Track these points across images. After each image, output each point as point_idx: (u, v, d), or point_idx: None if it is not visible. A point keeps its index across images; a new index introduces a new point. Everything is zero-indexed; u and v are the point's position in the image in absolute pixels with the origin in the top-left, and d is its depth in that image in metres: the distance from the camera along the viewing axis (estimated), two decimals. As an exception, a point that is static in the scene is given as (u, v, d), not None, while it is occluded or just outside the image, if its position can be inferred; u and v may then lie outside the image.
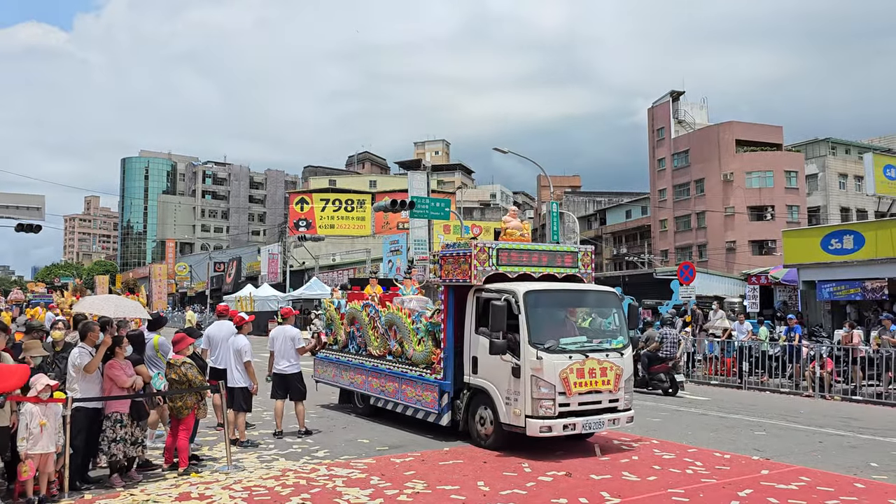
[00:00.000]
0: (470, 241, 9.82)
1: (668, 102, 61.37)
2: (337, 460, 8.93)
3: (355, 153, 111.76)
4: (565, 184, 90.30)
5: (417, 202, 30.13)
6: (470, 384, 9.78)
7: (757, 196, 53.34)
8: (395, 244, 46.90)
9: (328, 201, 70.92)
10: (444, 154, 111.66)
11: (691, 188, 57.23)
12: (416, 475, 8.12)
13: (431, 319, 10.39)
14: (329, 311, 13.41)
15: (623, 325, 9.98)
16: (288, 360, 10.66)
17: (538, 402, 8.76)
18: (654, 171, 61.90)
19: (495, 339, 8.98)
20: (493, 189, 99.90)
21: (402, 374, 10.84)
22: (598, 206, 76.92)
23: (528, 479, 7.98)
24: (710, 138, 56.07)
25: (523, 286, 9.36)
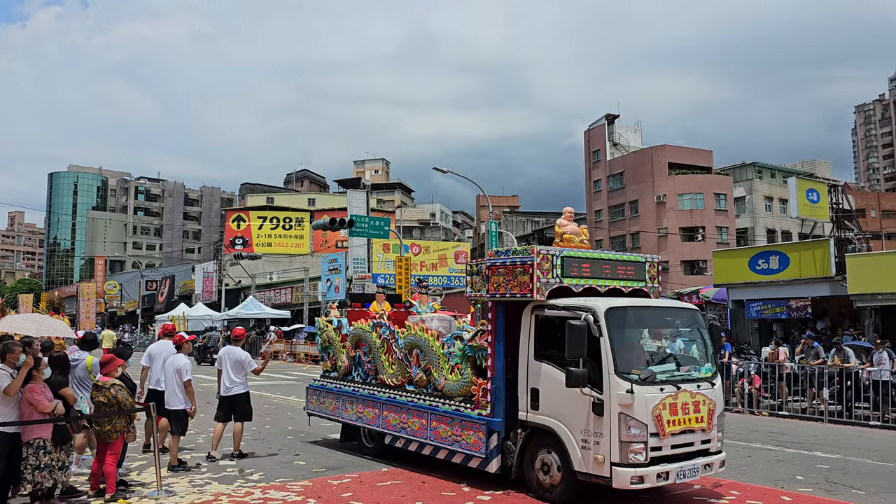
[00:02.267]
0: (531, 248, 8.06)
1: (603, 125, 62.81)
2: (272, 483, 8.73)
3: (294, 171, 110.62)
4: (504, 203, 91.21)
5: (357, 221, 29.99)
6: (527, 422, 7.98)
7: (688, 217, 54.93)
8: (333, 263, 46.50)
9: (266, 219, 69.90)
10: (384, 173, 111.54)
11: (626, 209, 58.57)
12: (354, 497, 8.01)
13: (472, 342, 8.64)
14: (326, 332, 11.47)
15: (710, 349, 8.29)
16: (235, 382, 10.37)
17: (627, 447, 7.04)
18: (591, 193, 63.16)
19: (573, 369, 7.23)
20: (433, 208, 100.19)
21: (431, 409, 9.00)
22: (536, 226, 77.87)
23: (466, 499, 7.97)
24: (644, 161, 57.58)
25: (602, 302, 7.68)
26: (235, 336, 10.91)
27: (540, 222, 79.12)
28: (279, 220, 69.68)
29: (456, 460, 8.67)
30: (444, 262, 51.60)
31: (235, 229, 69.46)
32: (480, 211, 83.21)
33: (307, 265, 50.47)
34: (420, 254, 50.13)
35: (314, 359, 33.82)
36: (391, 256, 43.59)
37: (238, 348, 10.62)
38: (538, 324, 8.05)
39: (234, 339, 10.84)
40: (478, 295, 8.70)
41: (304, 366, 32.53)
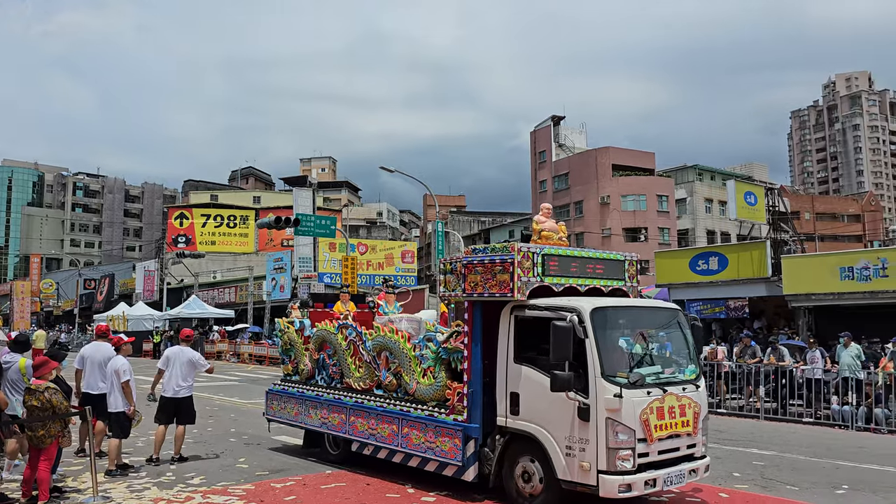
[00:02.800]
0: (511, 245, 7.64)
1: (549, 127, 63.53)
2: (213, 487, 8.59)
3: (239, 168, 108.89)
4: (451, 203, 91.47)
5: (303, 219, 29.65)
6: (507, 428, 7.61)
7: (632, 218, 55.96)
8: (279, 262, 45.93)
9: (209, 217, 68.56)
10: (330, 171, 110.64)
11: (571, 210, 59.33)
12: (297, 500, 7.94)
13: (446, 344, 8.22)
14: (288, 334, 11.00)
15: (694, 350, 8.04)
16: (182, 384, 10.17)
17: (615, 453, 6.75)
18: (536, 193, 63.78)
19: (558, 372, 6.89)
20: (380, 207, 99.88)
21: (403, 414, 8.59)
22: (482, 226, 78.32)
23: (410, 500, 7.98)
24: (589, 162, 58.44)
25: (587, 301, 7.37)
26: (186, 336, 10.74)
27: (486, 222, 79.60)
28: (223, 218, 68.44)
29: (429, 468, 8.21)
30: (391, 261, 51.43)
31: (178, 227, 67.97)
32: (427, 210, 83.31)
33: (252, 264, 49.73)
34: (367, 253, 49.85)
35: (258, 359, 33.38)
36: (337, 255, 43.24)
37: (189, 349, 10.45)
38: (518, 325, 7.69)
39: (184, 339, 10.66)
40: (452, 295, 8.27)
41: (248, 366, 32.06)
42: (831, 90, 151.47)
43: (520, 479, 7.51)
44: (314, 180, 52.86)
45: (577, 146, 63.61)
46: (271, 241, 63.86)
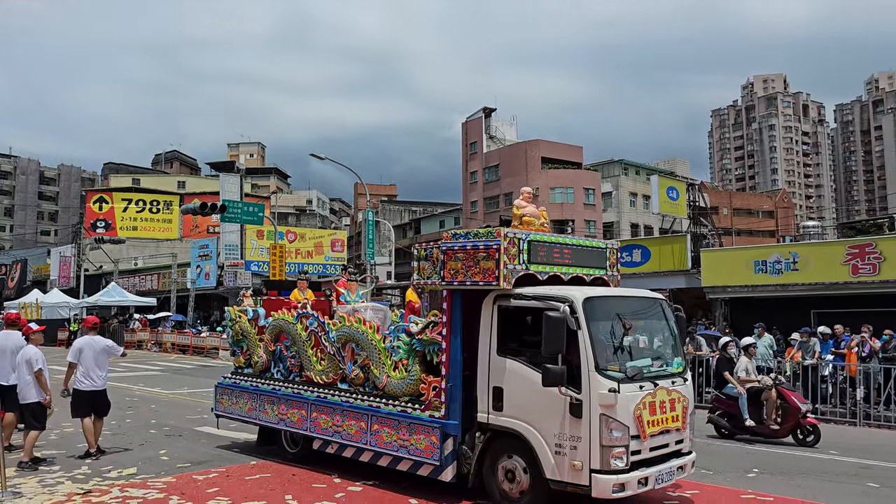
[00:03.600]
0: (497, 231, 7.20)
1: (480, 118, 63.90)
2: (132, 480, 8.38)
3: (163, 152, 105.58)
4: (382, 192, 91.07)
5: (229, 206, 29.03)
6: (489, 425, 7.20)
7: (559, 211, 56.89)
8: (204, 249, 44.87)
9: (131, 201, 66.30)
10: (259, 157, 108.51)
11: (501, 201, 59.89)
12: (220, 492, 7.82)
13: (421, 336, 7.73)
14: (239, 324, 10.32)
15: (679, 342, 7.82)
16: (101, 373, 9.80)
17: (609, 451, 6.42)
18: (467, 184, 64.16)
19: (550, 366, 6.50)
20: (310, 195, 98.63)
21: (372, 410, 8.06)
22: (413, 216, 78.30)
23: (337, 490, 7.96)
24: (519, 154, 59.10)
25: (579, 291, 7.03)
26: (94, 324, 10.27)
27: (417, 212, 79.61)
28: (146, 203, 66.31)
29: (402, 468, 7.77)
30: (321, 249, 50.95)
31: (97, 211, 65.50)
32: (358, 199, 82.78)
33: (176, 251, 48.39)
34: (296, 241, 49.23)
35: (182, 349, 32.60)
36: (265, 243, 42.55)
37: (99, 337, 10.04)
38: (502, 315, 7.28)
39: (91, 328, 10.18)
40: (428, 283, 7.79)
41: (171, 356, 31.28)
42: (749, 91, 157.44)
43: (503, 478, 7.10)
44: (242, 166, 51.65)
45: (507, 138, 64.22)
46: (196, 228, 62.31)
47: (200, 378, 20.96)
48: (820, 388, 14.62)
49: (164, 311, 41.19)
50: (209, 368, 24.81)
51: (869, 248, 19.80)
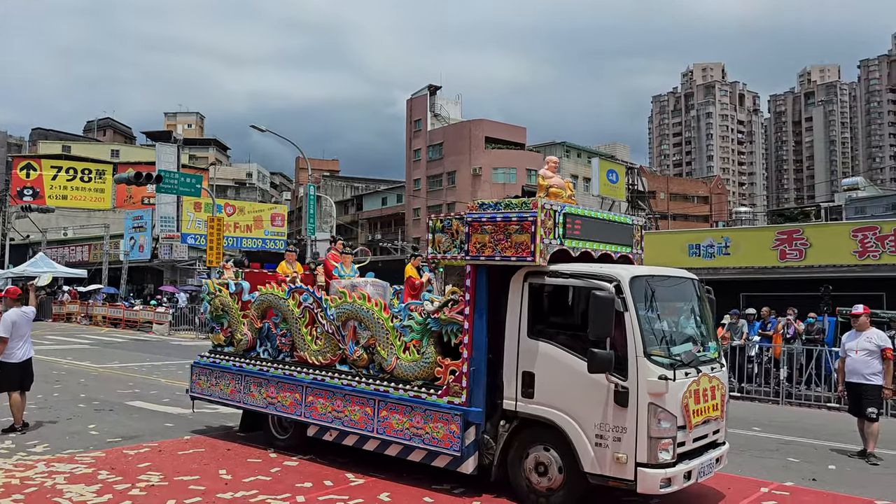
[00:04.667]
0: (532, 201, 6.59)
1: (425, 96, 63.59)
2: (59, 455, 8.14)
3: (96, 119, 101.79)
4: (324, 167, 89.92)
5: (165, 176, 28.32)
6: (517, 413, 6.65)
7: (502, 191, 57.17)
8: (138, 220, 43.70)
9: (61, 169, 63.91)
10: (197, 128, 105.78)
11: (444, 180, 59.94)
12: (152, 467, 7.67)
13: (438, 315, 7.14)
14: (219, 298, 9.44)
15: (712, 325, 7.38)
16: (29, 345, 9.56)
17: (657, 443, 5.96)
18: (410, 161, 63.92)
19: (597, 350, 6.01)
20: (250, 168, 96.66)
21: (381, 395, 7.41)
22: (355, 192, 77.68)
23: (272, 465, 7.90)
24: (463, 134, 59.12)
25: (623, 269, 6.55)
26: (18, 296, 9.87)
27: (360, 188, 79.00)
28: (77, 171, 64.03)
29: (414, 458, 7.20)
30: (260, 224, 50.06)
31: (24, 178, 62.96)
32: (300, 174, 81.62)
33: (108, 221, 46.96)
34: (234, 214, 48.24)
35: (114, 322, 31.74)
36: (203, 216, 41.57)
37: (27, 307, 9.74)
38: (534, 294, 6.73)
39: (16, 299, 9.79)
40: (446, 257, 7.23)
41: (102, 329, 30.44)
42: (689, 79, 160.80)
43: (533, 472, 6.53)
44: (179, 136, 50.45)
45: (452, 117, 64.12)
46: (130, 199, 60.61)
47: (132, 352, 20.48)
48: (746, 368, 15.16)
49: (95, 283, 39.98)
50: (142, 342, 24.25)
51: (796, 234, 20.60)
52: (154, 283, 45.06)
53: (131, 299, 38.13)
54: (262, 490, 6.90)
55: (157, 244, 42.10)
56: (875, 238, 18.99)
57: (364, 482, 7.31)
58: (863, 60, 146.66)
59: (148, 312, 31.15)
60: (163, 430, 9.69)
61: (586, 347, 6.12)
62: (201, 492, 6.79)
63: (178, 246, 41.96)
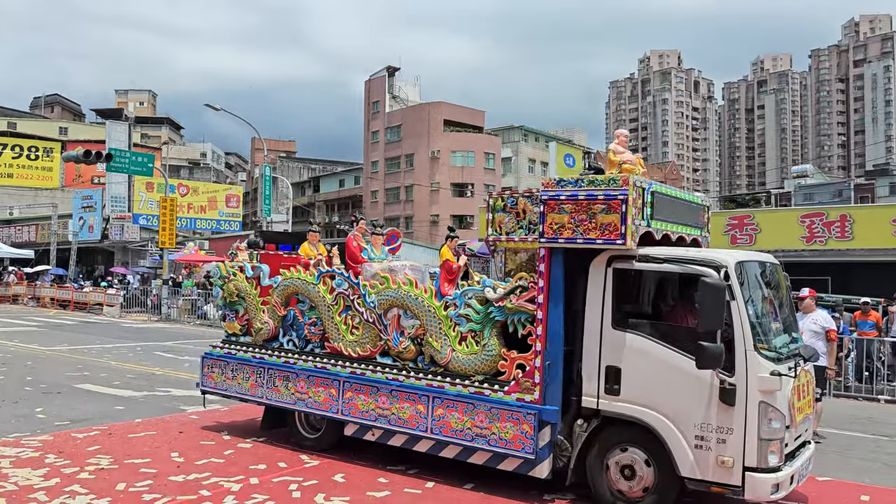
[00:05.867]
0: (623, 178, 5.98)
1: (384, 77, 63.07)
2: (4, 439, 7.95)
3: (43, 95, 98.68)
4: (280, 148, 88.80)
5: (116, 155, 27.59)
6: (600, 411, 6.12)
7: (459, 174, 57.26)
8: (88, 200, 42.55)
9: (6, 146, 61.78)
10: (150, 106, 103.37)
11: (402, 162, 59.66)
12: (102, 450, 7.54)
13: (503, 303, 6.53)
14: (234, 283, 8.64)
15: (794, 313, 6.95)
16: None
17: (767, 445, 5.49)
18: (368, 143, 63.46)
19: (708, 344, 5.45)
20: (204, 148, 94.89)
21: (434, 391, 6.78)
22: (312, 173, 76.88)
23: (226, 447, 7.84)
24: (422, 116, 58.83)
25: (727, 254, 5.99)
26: None
27: (317, 169, 78.20)
28: (23, 149, 61.99)
29: (475, 460, 6.60)
30: (215, 205, 49.27)
31: (-33, 156, 60.80)
32: (255, 154, 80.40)
33: (56, 201, 45.64)
34: (188, 195, 47.38)
35: (62, 304, 31.00)
36: (155, 196, 40.72)
37: None
38: (619, 280, 6.16)
39: None
40: (512, 239, 6.65)
41: (50, 311, 29.71)
42: (646, 65, 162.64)
43: (617, 475, 6.04)
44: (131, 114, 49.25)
45: (410, 99, 63.73)
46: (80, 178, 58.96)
47: (82, 335, 20.03)
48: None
49: (42, 264, 38.94)
50: (92, 325, 23.73)
51: (747, 219, 21.08)
52: (105, 264, 44.09)
53: (81, 281, 37.25)
54: (214, 472, 6.84)
55: (108, 225, 41.12)
56: (822, 224, 19.56)
57: (319, 463, 7.31)
58: (814, 50, 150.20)
59: (98, 294, 30.46)
60: (113, 413, 9.52)
61: (684, 340, 5.73)
62: (152, 475, 6.70)
63: (129, 227, 41.05)
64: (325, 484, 6.61)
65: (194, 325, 25.34)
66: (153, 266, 36.68)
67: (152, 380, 12.48)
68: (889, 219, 18.47)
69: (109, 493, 6.16)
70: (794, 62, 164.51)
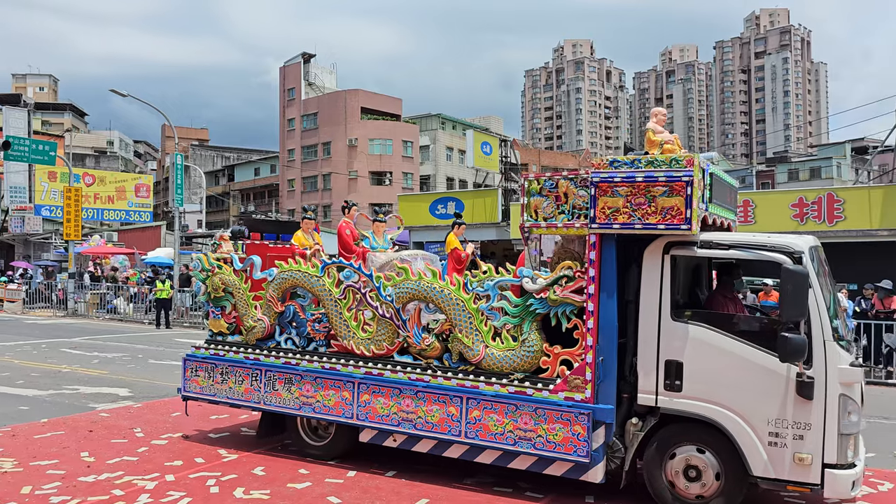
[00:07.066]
0: (686, 158, 5.58)
1: (299, 63, 61.99)
2: None
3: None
4: (192, 136, 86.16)
5: (14, 143, 26.28)
6: (659, 409, 5.80)
7: (378, 162, 56.98)
8: (-16, 191, 40.26)
9: None
10: (51, 91, 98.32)
11: (319, 150, 58.89)
12: (5, 453, 7.26)
13: (545, 294, 6.05)
14: (220, 276, 7.83)
15: None
16: None
17: (846, 440, 5.31)
18: (284, 131, 62.34)
19: (792, 335, 5.21)
20: (111, 136, 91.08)
21: (468, 391, 6.28)
22: (226, 162, 75.04)
23: (140, 445, 7.66)
24: (338, 103, 58.18)
25: (800, 239, 5.70)
26: None
27: (231, 158, 76.37)
28: None
29: (517, 465, 6.17)
30: (123, 194, 47.38)
31: None
32: (166, 142, 77.86)
33: (-52, 192, 43.04)
34: (94, 184, 45.36)
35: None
36: (58, 186, 38.88)
37: None
38: (678, 269, 5.87)
39: None
40: (555, 226, 6.12)
41: (-56, 309, 28.02)
42: (560, 54, 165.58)
43: (680, 476, 5.73)
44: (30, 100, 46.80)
45: (327, 86, 62.93)
46: (-26, 167, 55.73)
47: (-19, 333, 19.01)
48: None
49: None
50: (-9, 322, 22.54)
51: (656, 205, 21.75)
52: (5, 258, 41.88)
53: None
54: (128, 471, 6.69)
55: (7, 216, 39.09)
56: (726, 209, 20.42)
57: (238, 457, 7.24)
58: (718, 42, 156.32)
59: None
60: (17, 414, 9.12)
61: (756, 331, 5.51)
62: (60, 476, 6.50)
63: (31, 218, 39.13)
64: (245, 478, 6.56)
65: (103, 319, 24.46)
66: (58, 259, 35.13)
67: (59, 378, 12.01)
68: (788, 203, 19.42)
69: (14, 497, 5.94)
70: (700, 53, 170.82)
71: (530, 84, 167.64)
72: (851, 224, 18.04)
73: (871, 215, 18.37)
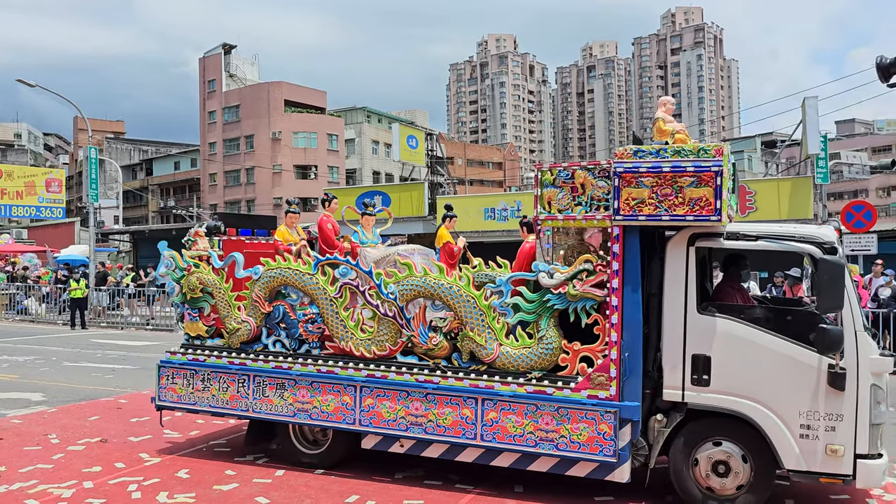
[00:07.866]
0: (715, 148, 5.48)
1: (220, 54, 60.49)
2: None
3: None
4: (107, 128, 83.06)
5: (-90, 136, 24.65)
6: (686, 404, 5.71)
7: (302, 155, 56.23)
8: None
9: None
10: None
11: (241, 143, 57.67)
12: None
13: (565, 289, 5.79)
14: (197, 275, 7.29)
15: None
16: None
17: (877, 430, 5.37)
18: (205, 124, 60.75)
19: (830, 327, 5.24)
20: (19, 128, 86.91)
21: (482, 392, 6.02)
22: (144, 156, 72.69)
23: (55, 452, 7.40)
24: (261, 96, 57.09)
25: (826, 229, 5.73)
26: None
27: (149, 151, 74.06)
28: None
29: (537, 468, 5.96)
30: (33, 190, 45.15)
31: None
32: (79, 135, 74.81)
33: None
34: (1, 179, 43.17)
35: None
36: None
37: None
38: (703, 261, 5.81)
39: None
40: (574, 218, 5.88)
41: None
42: (484, 48, 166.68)
43: (709, 472, 5.67)
44: (-74, 90, 44.06)
45: (248, 78, 61.63)
46: None
47: None
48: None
49: None
50: None
51: (579, 198, 22.21)
52: None
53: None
54: (42, 479, 6.46)
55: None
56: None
57: (161, 460, 7.08)
58: (636, 38, 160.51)
59: None
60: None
61: (787, 322, 5.50)
62: (-29, 487, 6.18)
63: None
64: (168, 481, 6.42)
65: (13, 321, 23.36)
66: (-39, 259, 33.26)
67: (-34, 384, 11.40)
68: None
69: (-80, 510, 5.62)
70: (619, 49, 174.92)
71: (455, 78, 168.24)
72: (762, 214, 18.87)
73: (779, 206, 19.28)
